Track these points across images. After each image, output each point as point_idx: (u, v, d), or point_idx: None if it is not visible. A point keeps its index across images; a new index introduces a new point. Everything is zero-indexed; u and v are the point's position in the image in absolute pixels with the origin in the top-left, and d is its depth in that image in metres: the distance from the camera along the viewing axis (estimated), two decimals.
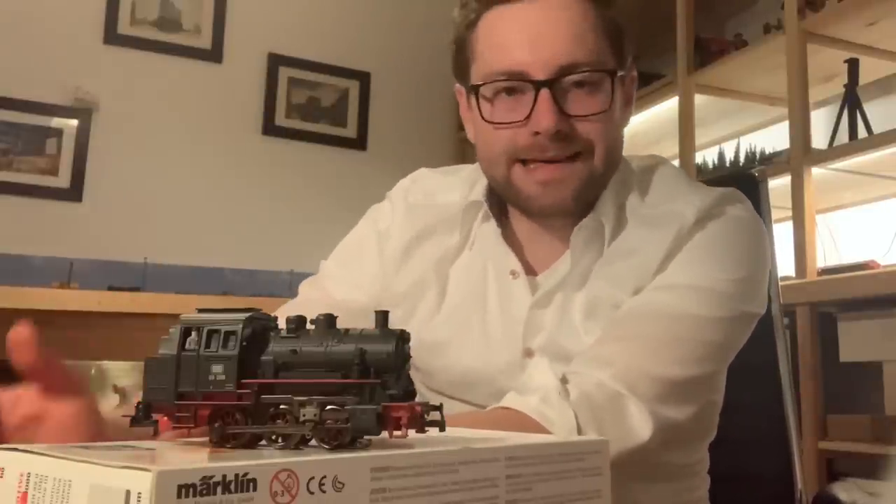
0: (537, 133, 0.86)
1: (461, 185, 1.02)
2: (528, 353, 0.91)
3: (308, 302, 1.01)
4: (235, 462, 0.34)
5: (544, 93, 0.85)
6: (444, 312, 0.96)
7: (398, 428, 0.42)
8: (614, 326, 0.86)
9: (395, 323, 0.96)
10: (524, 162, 0.89)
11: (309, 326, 0.46)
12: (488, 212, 0.96)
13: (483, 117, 0.90)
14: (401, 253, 0.99)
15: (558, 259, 0.94)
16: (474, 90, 0.91)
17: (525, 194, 0.90)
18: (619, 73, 0.90)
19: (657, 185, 0.95)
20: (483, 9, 0.91)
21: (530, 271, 0.95)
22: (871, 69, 2.43)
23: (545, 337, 0.91)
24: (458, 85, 0.98)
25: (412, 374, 0.47)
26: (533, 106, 0.86)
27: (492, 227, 0.96)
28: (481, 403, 0.92)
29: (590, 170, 0.89)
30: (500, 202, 0.99)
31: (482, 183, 0.98)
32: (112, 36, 3.24)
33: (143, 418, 0.45)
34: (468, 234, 0.98)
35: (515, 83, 0.87)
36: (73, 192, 3.11)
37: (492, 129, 0.90)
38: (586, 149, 0.88)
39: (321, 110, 3.62)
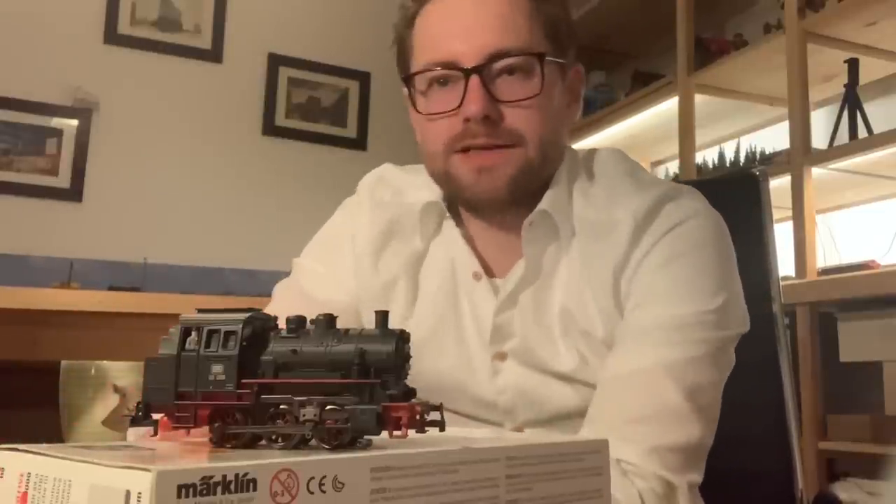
0: (468, 120, 0.86)
1: (429, 184, 0.99)
2: (500, 357, 0.90)
3: (288, 309, 0.98)
4: (235, 462, 0.34)
5: (474, 79, 0.85)
6: (417, 315, 0.94)
7: (398, 428, 0.42)
8: (616, 399, 0.83)
9: (367, 321, 0.94)
10: (460, 151, 0.88)
11: (309, 326, 0.46)
12: (445, 211, 0.95)
13: (417, 110, 0.91)
14: (370, 251, 0.97)
15: (517, 261, 0.92)
16: (407, 82, 0.91)
17: (462, 183, 0.89)
18: (549, 58, 0.89)
19: (600, 181, 0.93)
20: (419, 6, 0.92)
21: (491, 273, 0.94)
22: (871, 69, 2.43)
23: (517, 345, 0.89)
24: (403, 88, 0.97)
25: None
26: (464, 94, 0.86)
27: (451, 227, 0.95)
28: (456, 409, 0.92)
29: (524, 158, 0.88)
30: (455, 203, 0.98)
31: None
32: (112, 36, 3.25)
33: (143, 418, 0.45)
34: (432, 234, 0.97)
35: (447, 72, 0.88)
36: (73, 192, 3.11)
37: (426, 121, 0.90)
38: (519, 135, 0.87)
39: (321, 110, 3.62)
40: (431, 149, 0.91)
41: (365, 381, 0.43)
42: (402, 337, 0.45)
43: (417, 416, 0.42)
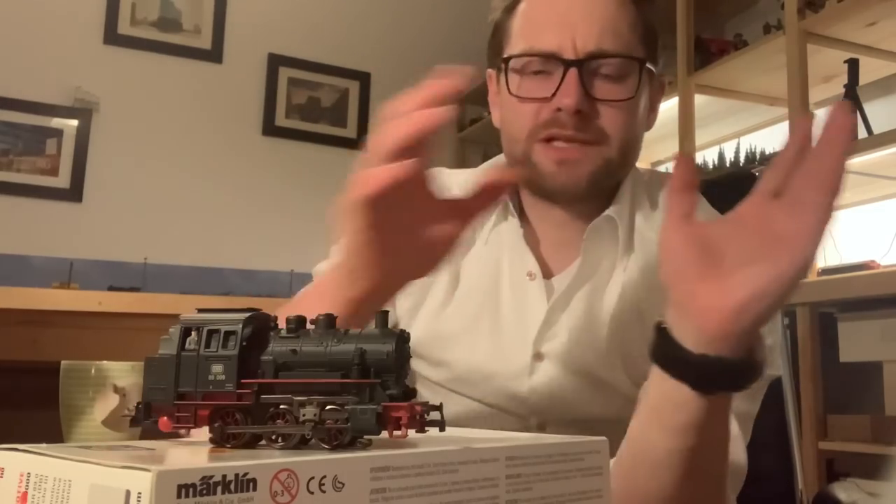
0: (559, 110, 0.87)
1: (475, 178, 1.01)
2: (538, 357, 0.91)
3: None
4: (235, 462, 0.34)
5: (572, 72, 0.87)
6: (455, 305, 0.95)
7: (398, 428, 0.42)
8: None
9: (404, 313, 0.96)
10: (545, 141, 0.90)
11: (309, 326, 0.46)
12: (512, 210, 0.96)
13: (510, 90, 0.91)
14: None
15: (574, 262, 0.94)
16: (504, 62, 0.92)
17: (542, 171, 0.90)
18: (648, 65, 0.91)
19: (663, 205, 0.95)
20: None
21: (547, 274, 0.95)
22: (871, 69, 2.43)
23: (561, 345, 0.90)
24: (489, 70, 0.99)
25: (413, 363, 0.47)
26: (560, 84, 0.87)
27: (513, 226, 0.96)
28: (480, 399, 0.93)
29: (606, 157, 0.90)
30: (520, 201, 0.99)
31: None
32: (112, 36, 3.25)
33: (143, 418, 0.45)
34: (485, 227, 0.98)
35: (545, 62, 0.89)
36: (73, 192, 3.11)
37: (517, 104, 0.91)
38: (605, 134, 0.89)
39: (321, 110, 3.62)
40: (515, 131, 0.92)
41: (365, 381, 0.43)
42: (402, 337, 0.45)
43: (417, 416, 0.42)
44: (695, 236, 0.62)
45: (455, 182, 1.02)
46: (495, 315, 0.94)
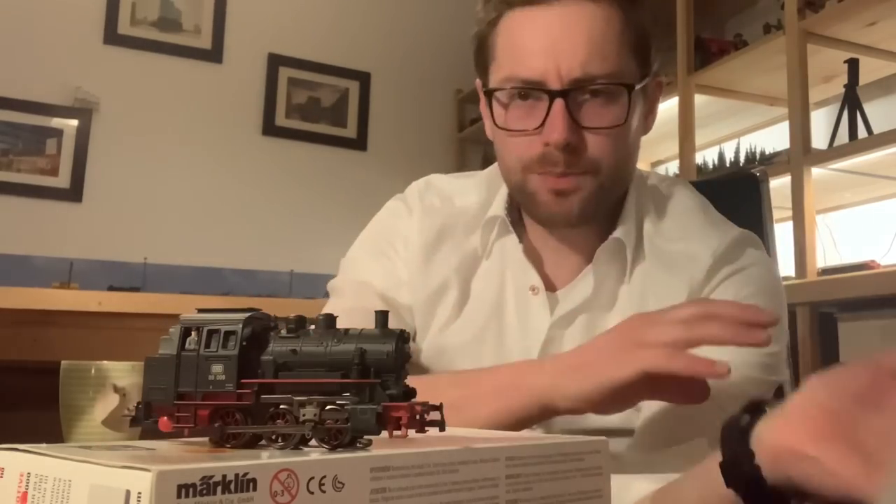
0: (548, 144, 0.86)
1: (477, 188, 1.01)
2: None
3: (362, 298, 0.96)
4: (235, 462, 0.34)
5: (558, 103, 0.85)
6: (462, 320, 0.95)
7: (398, 428, 0.42)
8: (660, 421, 0.85)
9: (417, 327, 0.95)
10: (538, 172, 0.89)
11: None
12: (509, 226, 0.96)
13: (497, 123, 0.90)
14: (421, 258, 0.97)
15: (578, 275, 0.93)
16: (489, 95, 0.91)
17: (537, 200, 0.90)
18: (638, 87, 0.89)
19: (673, 212, 0.95)
20: (505, 8, 0.90)
21: (549, 286, 0.95)
22: (871, 69, 2.43)
23: None
24: (477, 80, 0.98)
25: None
26: (546, 115, 0.85)
27: (512, 241, 0.95)
28: None
29: (597, 184, 0.89)
30: (520, 215, 0.99)
31: (502, 195, 0.98)
32: (112, 36, 3.25)
33: (143, 418, 0.45)
34: (487, 245, 0.97)
35: (531, 91, 0.87)
36: (73, 192, 3.11)
37: (506, 135, 0.90)
38: (596, 164, 0.88)
39: (321, 110, 3.62)
40: (509, 163, 0.92)
41: (365, 381, 0.43)
42: (402, 337, 0.45)
43: (417, 416, 0.42)
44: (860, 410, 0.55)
45: (455, 191, 1.02)
46: (500, 328, 0.94)
